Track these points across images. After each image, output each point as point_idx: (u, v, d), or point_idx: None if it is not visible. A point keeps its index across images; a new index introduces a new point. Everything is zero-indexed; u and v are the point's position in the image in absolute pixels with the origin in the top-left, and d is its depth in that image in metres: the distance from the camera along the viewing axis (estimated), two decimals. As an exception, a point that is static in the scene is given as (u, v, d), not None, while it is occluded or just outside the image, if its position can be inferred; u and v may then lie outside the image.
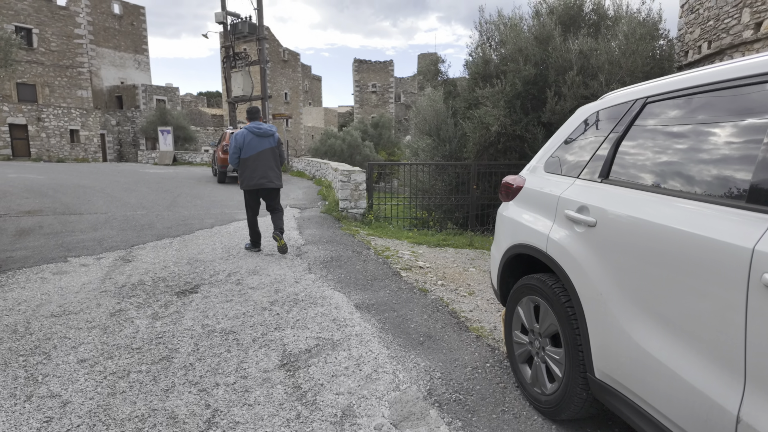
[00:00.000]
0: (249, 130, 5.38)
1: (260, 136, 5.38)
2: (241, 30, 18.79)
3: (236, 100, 19.98)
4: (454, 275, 4.75)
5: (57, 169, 16.87)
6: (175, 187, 12.14)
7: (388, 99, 61.48)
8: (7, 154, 22.46)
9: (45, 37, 25.66)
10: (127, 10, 35.83)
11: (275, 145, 5.52)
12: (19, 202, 9.08)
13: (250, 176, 5.37)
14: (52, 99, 25.94)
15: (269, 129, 5.49)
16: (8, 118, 22.46)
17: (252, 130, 5.36)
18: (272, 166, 5.46)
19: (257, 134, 5.36)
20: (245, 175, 5.40)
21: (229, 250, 5.67)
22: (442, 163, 8.93)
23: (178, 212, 8.40)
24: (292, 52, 53.79)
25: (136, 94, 33.46)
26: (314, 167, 16.33)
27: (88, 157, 25.41)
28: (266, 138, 5.42)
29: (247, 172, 5.38)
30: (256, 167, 5.35)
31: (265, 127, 5.46)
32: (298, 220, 7.86)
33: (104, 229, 6.88)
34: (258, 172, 5.36)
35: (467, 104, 9.44)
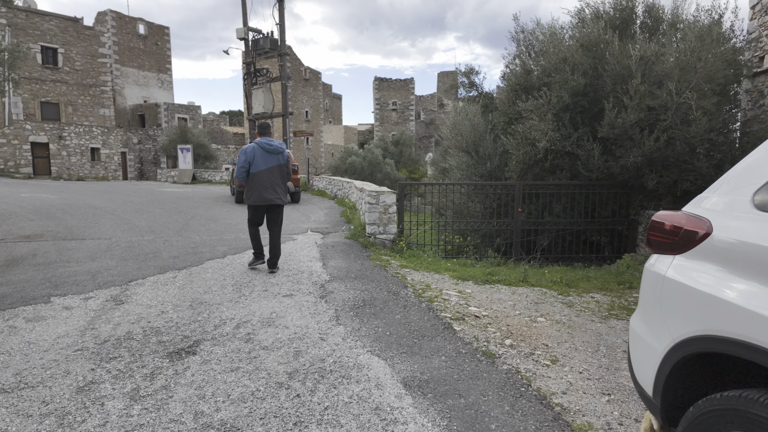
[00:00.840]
0: (259, 146, 5.27)
1: (269, 152, 5.31)
2: (262, 46, 18.35)
3: (257, 118, 19.45)
4: (521, 329, 3.73)
5: (73, 189, 16.45)
6: (190, 208, 11.43)
7: (408, 117, 61.07)
8: (28, 172, 22.35)
9: (70, 56, 25.83)
10: (152, 30, 36.25)
11: (284, 163, 5.46)
12: (21, 225, 8.42)
13: (259, 192, 5.30)
14: (74, 117, 25.98)
15: (279, 146, 5.41)
16: (30, 136, 22.42)
17: (262, 145, 5.28)
18: (279, 183, 5.45)
19: (267, 150, 5.29)
20: (252, 191, 5.31)
21: (240, 287, 4.77)
22: (483, 183, 7.95)
23: (189, 238, 7.59)
24: (314, 70, 53.95)
25: (158, 112, 33.55)
26: (336, 186, 15.52)
27: (108, 175, 25.22)
28: (275, 155, 5.36)
29: (254, 187, 5.30)
30: (264, 183, 5.29)
31: (276, 143, 5.38)
32: (320, 247, 6.95)
33: (103, 258, 6.08)
34: (266, 188, 5.30)
35: (507, 119, 8.49)
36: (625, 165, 7.20)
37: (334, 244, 7.27)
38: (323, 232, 8.33)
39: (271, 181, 5.35)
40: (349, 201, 12.30)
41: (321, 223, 9.53)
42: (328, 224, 9.31)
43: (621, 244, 7.98)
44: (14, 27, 23.62)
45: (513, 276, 5.76)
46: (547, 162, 7.73)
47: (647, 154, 6.90)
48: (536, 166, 8.04)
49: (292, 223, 9.41)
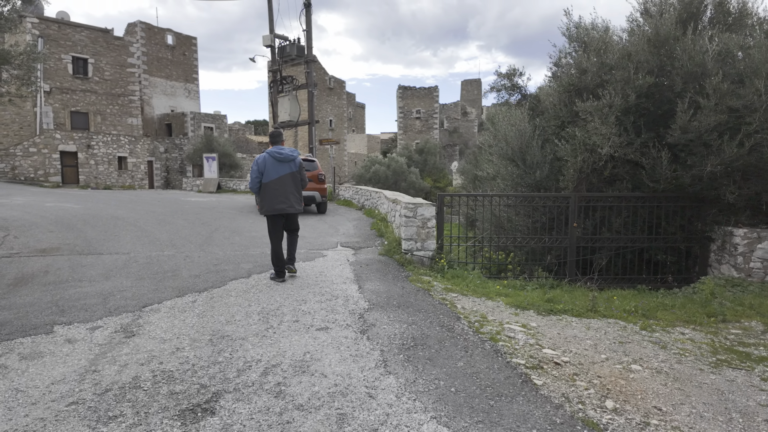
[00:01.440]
0: (270, 155, 5.32)
1: (281, 161, 5.33)
2: (289, 53, 18.00)
3: (283, 126, 19.08)
4: (618, 382, 2.96)
5: (98, 198, 16.29)
6: (214, 219, 10.96)
7: (432, 125, 60.40)
8: (57, 181, 22.49)
9: (99, 66, 26.12)
10: (180, 40, 36.67)
11: (296, 170, 5.44)
12: (39, 237, 8.03)
13: (271, 201, 5.30)
14: (103, 127, 26.20)
15: (290, 153, 5.41)
16: (60, 145, 22.60)
17: (272, 154, 5.32)
18: (293, 191, 5.41)
19: (278, 159, 5.32)
20: (266, 201, 5.32)
21: (267, 317, 4.12)
22: (533, 195, 7.17)
23: (212, 253, 7.04)
24: (338, 79, 53.94)
25: (184, 121, 33.75)
26: (363, 196, 14.90)
27: (135, 184, 25.26)
28: (287, 163, 5.36)
29: (267, 197, 5.31)
30: (277, 192, 5.29)
31: (286, 151, 5.39)
32: (354, 266, 6.28)
33: (118, 277, 5.55)
34: (278, 197, 5.30)
35: (558, 122, 7.71)
36: (699, 175, 6.34)
37: (367, 261, 6.59)
38: (354, 248, 7.67)
39: (284, 190, 5.32)
40: (379, 212, 11.64)
41: (351, 236, 8.88)
42: (358, 238, 8.65)
43: (690, 264, 7.08)
44: (47, 38, 23.99)
45: (578, 304, 4.97)
46: (606, 171, 6.91)
47: (727, 163, 6.03)
48: (593, 176, 7.22)
49: (321, 236, 8.80)
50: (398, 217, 7.66)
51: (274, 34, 18.53)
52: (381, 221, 9.97)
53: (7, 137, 23.48)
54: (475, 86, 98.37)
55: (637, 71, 6.91)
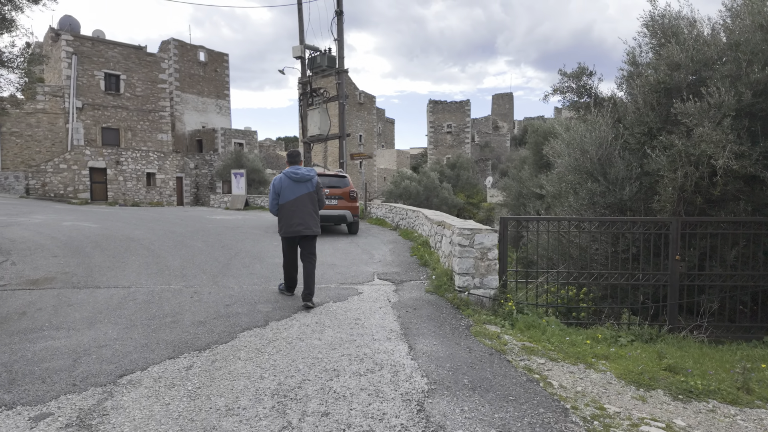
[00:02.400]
0: (286, 175, 5.23)
1: (297, 181, 5.22)
2: (319, 64, 17.13)
3: (312, 140, 18.16)
4: None
5: (120, 216, 15.62)
6: (235, 242, 9.90)
7: (464, 139, 59.01)
8: (86, 197, 22.22)
9: (131, 82, 26.08)
10: (212, 57, 36.80)
11: (313, 190, 5.29)
12: (39, 264, 7.11)
13: (288, 223, 5.17)
14: (133, 143, 26.04)
15: (307, 173, 5.28)
16: (89, 161, 22.38)
17: (289, 175, 5.22)
18: (310, 212, 5.24)
19: (294, 179, 5.21)
20: (283, 222, 5.21)
21: (285, 402, 2.87)
22: (622, 219, 5.73)
23: (226, 287, 5.89)
24: (368, 94, 53.44)
25: (215, 137, 33.55)
26: (398, 215, 13.65)
27: (163, 200, 24.84)
28: (303, 183, 5.24)
29: (284, 218, 5.20)
30: (294, 214, 5.16)
31: (303, 171, 5.27)
32: (397, 309, 4.98)
33: (105, 323, 4.43)
34: (295, 218, 5.15)
35: (644, 129, 6.28)
36: None
37: (414, 302, 5.29)
38: (395, 281, 6.38)
39: (301, 211, 5.17)
40: (418, 234, 10.34)
41: (389, 265, 7.60)
42: (398, 267, 7.36)
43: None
44: (80, 55, 24.08)
45: (721, 380, 3.51)
46: (717, 189, 5.43)
47: None
48: (696, 195, 5.74)
49: (354, 264, 7.56)
50: (447, 244, 6.34)
51: (305, 44, 17.74)
52: (422, 246, 8.66)
53: (40, 154, 23.51)
54: (506, 100, 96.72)
55: (751, 63, 5.48)
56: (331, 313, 4.78)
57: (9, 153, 22.98)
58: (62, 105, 23.53)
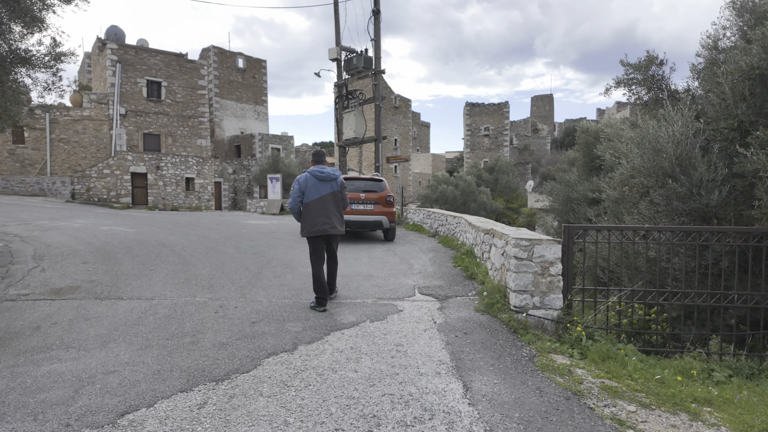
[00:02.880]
0: (311, 174, 5.19)
1: (322, 180, 5.19)
2: (356, 65, 16.69)
3: (347, 144, 17.72)
4: None
5: (157, 221, 15.63)
6: (268, 249, 9.49)
7: (502, 142, 57.49)
8: (127, 202, 22.66)
9: (172, 89, 26.55)
10: (251, 63, 37.25)
11: (337, 190, 5.29)
12: (67, 271, 6.87)
13: (312, 222, 5.12)
14: (173, 148, 26.46)
15: (332, 173, 5.26)
16: (131, 167, 22.83)
17: (314, 173, 5.19)
18: (334, 212, 5.23)
19: (319, 178, 5.18)
20: (307, 222, 5.16)
21: (312, 462, 2.26)
22: (710, 229, 4.85)
23: (254, 300, 5.39)
24: (404, 98, 52.94)
25: (252, 143, 33.84)
26: (437, 221, 12.94)
27: (201, 205, 25.07)
28: (328, 182, 5.21)
29: (309, 218, 5.14)
30: (318, 212, 5.12)
31: (328, 170, 5.25)
32: (445, 333, 4.31)
33: (120, 342, 3.99)
34: (320, 218, 5.12)
35: (733, 123, 5.36)
36: None
37: (463, 324, 4.60)
38: (438, 296, 5.71)
39: (326, 210, 5.14)
40: (460, 242, 9.61)
41: (430, 276, 6.93)
42: (441, 280, 6.68)
43: None
44: (124, 63, 24.71)
45: None
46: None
47: None
48: (805, 201, 4.79)
49: (391, 275, 6.93)
50: (499, 255, 5.62)
51: (341, 46, 17.36)
52: (466, 256, 7.94)
53: (85, 159, 24.21)
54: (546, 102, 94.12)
55: None
56: (368, 335, 4.17)
57: (57, 159, 23.78)
58: (107, 112, 24.19)
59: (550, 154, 70.40)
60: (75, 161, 24.07)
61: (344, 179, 10.89)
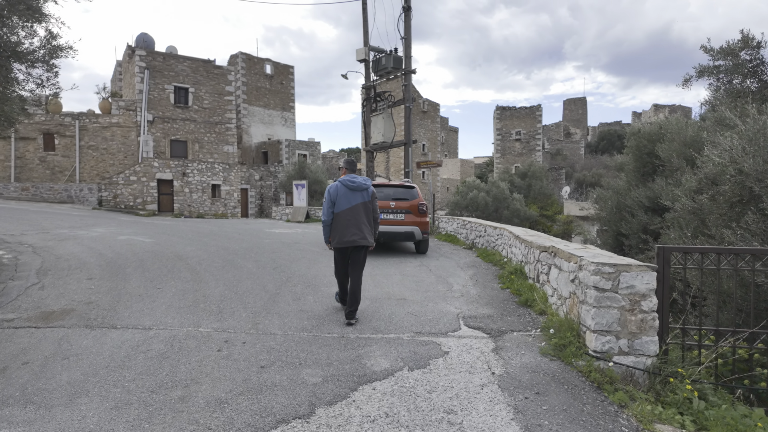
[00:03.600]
0: (342, 183, 4.99)
1: (353, 189, 4.98)
2: (384, 65, 15.84)
3: (375, 148, 16.86)
4: None
5: (178, 229, 15.09)
6: (290, 262, 8.65)
7: (534, 147, 55.70)
8: (153, 209, 22.42)
9: (199, 95, 26.36)
10: (278, 70, 37.02)
11: (368, 200, 5.07)
12: (66, 289, 6.17)
13: (342, 233, 4.90)
14: (200, 155, 26.23)
15: (363, 182, 5.05)
16: (157, 173, 22.61)
17: (345, 183, 4.98)
18: (365, 222, 5.00)
19: (351, 188, 4.98)
20: (337, 232, 4.93)
21: None
22: None
23: (267, 331, 4.50)
24: (432, 102, 51.94)
25: (279, 149, 33.47)
26: (473, 231, 11.86)
27: (227, 212, 24.67)
28: (359, 192, 5.01)
29: (339, 228, 4.92)
30: (349, 223, 4.90)
31: (360, 180, 5.04)
32: (509, 391, 3.29)
33: (91, 396, 3.15)
34: (351, 228, 4.90)
35: None
36: None
37: (532, 377, 3.55)
38: (490, 331, 4.67)
39: (356, 220, 4.92)
40: (505, 259, 8.53)
41: (474, 301, 5.90)
42: (488, 306, 5.63)
43: None
44: (152, 69, 24.65)
45: None
46: None
47: None
48: None
49: (429, 299, 5.93)
50: (567, 282, 4.55)
51: (369, 46, 16.55)
52: (514, 275, 6.86)
53: (113, 166, 24.19)
54: (579, 105, 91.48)
55: None
56: (407, 392, 3.19)
57: (86, 166, 23.84)
58: (135, 118, 24.13)
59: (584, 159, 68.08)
60: (103, 168, 24.09)
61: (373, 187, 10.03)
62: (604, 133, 78.60)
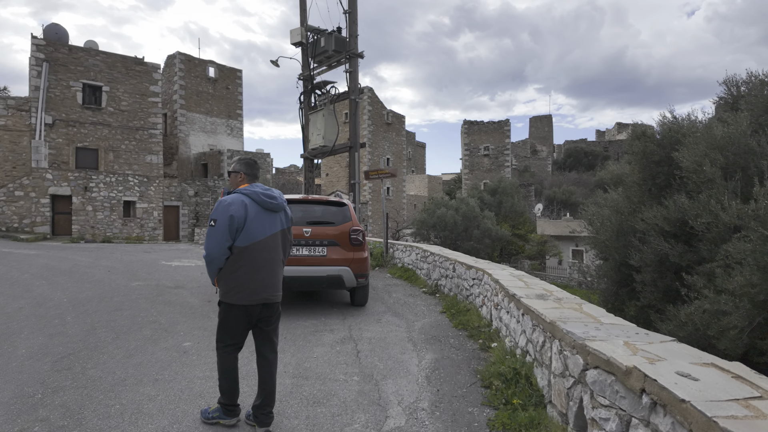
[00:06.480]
0: (251, 197, 2.82)
1: (269, 209, 2.88)
2: (324, 48, 12.33)
3: (314, 154, 13.24)
4: None
5: (32, 262, 10.89)
6: (124, 340, 4.86)
7: (503, 162, 53.47)
8: (45, 232, 17.93)
9: (115, 95, 22.13)
10: (223, 73, 33.13)
11: (288, 227, 3.05)
12: None
13: (253, 280, 2.78)
14: (116, 165, 21.87)
15: (281, 198, 2.97)
16: (51, 188, 18.18)
17: (258, 198, 2.83)
18: (281, 263, 3.00)
19: (266, 206, 2.85)
20: (241, 279, 2.76)
21: None
22: None
23: None
24: (397, 114, 48.95)
25: (221, 160, 29.40)
26: (438, 267, 8.32)
27: (145, 234, 20.36)
28: (277, 214, 2.95)
29: (247, 271, 2.77)
30: (262, 265, 2.82)
31: (276, 193, 2.97)
32: None
33: None
34: (263, 273, 2.82)
35: None
36: None
37: None
38: None
39: (273, 262, 2.88)
40: (483, 320, 4.97)
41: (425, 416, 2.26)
42: None
43: None
44: (53, 62, 20.34)
45: None
46: None
47: None
48: None
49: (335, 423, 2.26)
50: None
51: (307, 25, 13.05)
52: (512, 378, 3.27)
53: (-2, 179, 19.60)
54: (545, 123, 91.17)
55: None
56: None
57: (-38, 178, 19.19)
58: (28, 120, 19.69)
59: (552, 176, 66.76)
60: (-15, 181, 19.48)
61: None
62: (571, 150, 77.95)
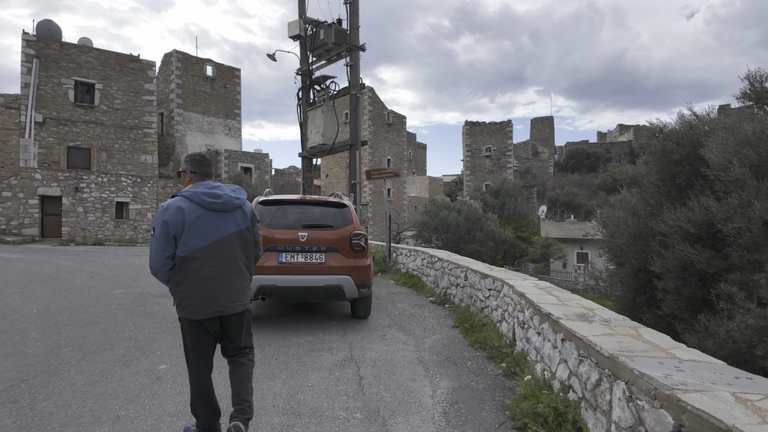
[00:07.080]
0: (192, 200, 2.47)
1: (217, 210, 2.51)
2: (323, 41, 11.69)
3: (313, 153, 12.57)
4: None
5: (13, 267, 10.21)
6: (81, 358, 4.19)
7: (505, 164, 52.79)
8: (33, 234, 17.27)
9: (109, 93, 21.48)
10: (221, 72, 32.48)
11: (247, 226, 2.64)
12: None
13: (197, 291, 2.45)
14: (109, 165, 21.23)
15: (232, 195, 2.57)
16: (40, 188, 17.52)
17: (199, 199, 2.47)
18: (241, 269, 2.59)
19: (211, 207, 2.50)
20: (188, 291, 2.45)
21: None
22: None
23: None
24: (398, 114, 48.30)
25: (218, 160, 28.76)
26: (446, 275, 7.65)
27: (138, 237, 19.69)
28: (229, 213, 2.56)
29: (190, 284, 2.45)
30: (211, 274, 2.48)
31: (226, 189, 2.58)
32: None
33: None
34: (213, 282, 2.48)
35: None
36: None
37: None
38: None
39: (227, 268, 2.51)
40: (502, 338, 4.29)
41: None
42: None
43: None
44: (44, 59, 19.72)
45: None
46: None
47: None
48: None
49: None
50: None
51: (305, 18, 12.41)
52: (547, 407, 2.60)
53: (-13, 179, 18.92)
54: (546, 124, 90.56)
55: None
56: None
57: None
58: (17, 118, 19.05)
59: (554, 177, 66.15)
60: (-27, 181, 18.80)
61: (264, 204, 5.68)
62: (573, 152, 77.32)
